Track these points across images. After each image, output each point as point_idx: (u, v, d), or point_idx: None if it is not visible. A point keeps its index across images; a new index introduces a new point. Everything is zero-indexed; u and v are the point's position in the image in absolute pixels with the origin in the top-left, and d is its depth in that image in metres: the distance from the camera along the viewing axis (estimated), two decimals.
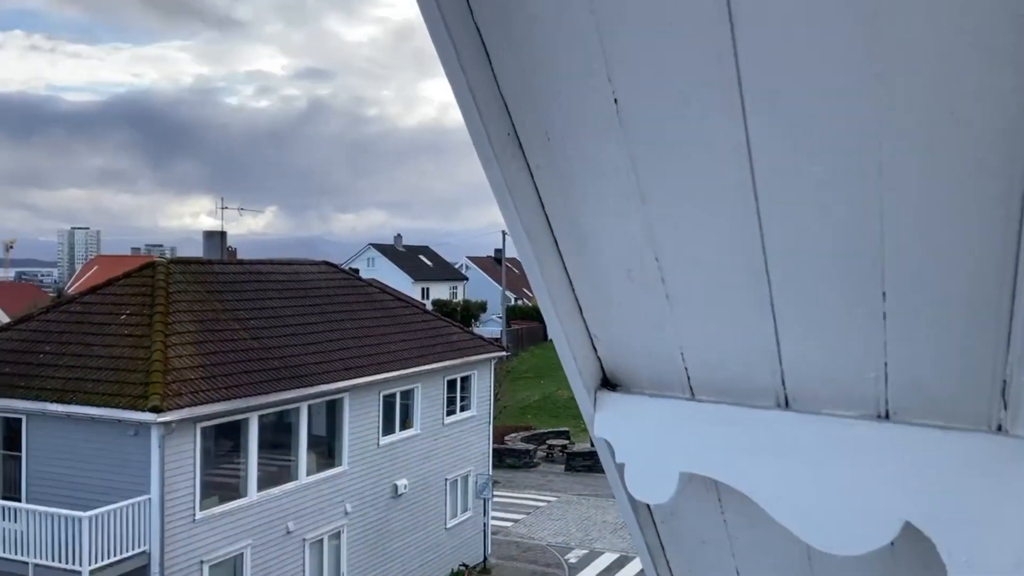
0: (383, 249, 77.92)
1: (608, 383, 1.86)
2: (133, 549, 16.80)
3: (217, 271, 22.68)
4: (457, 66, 1.37)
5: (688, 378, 1.74)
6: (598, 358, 1.84)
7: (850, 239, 1.36)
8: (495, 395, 30.24)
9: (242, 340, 20.29)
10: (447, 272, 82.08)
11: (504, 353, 30.25)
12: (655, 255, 1.57)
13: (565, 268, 1.70)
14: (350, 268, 44.55)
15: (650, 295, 1.64)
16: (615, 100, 1.37)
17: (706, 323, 1.65)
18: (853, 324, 1.47)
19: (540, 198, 1.60)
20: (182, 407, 17.12)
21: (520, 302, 75.90)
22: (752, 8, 1.18)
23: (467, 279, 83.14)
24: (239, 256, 34.34)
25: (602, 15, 1.29)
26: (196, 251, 27.40)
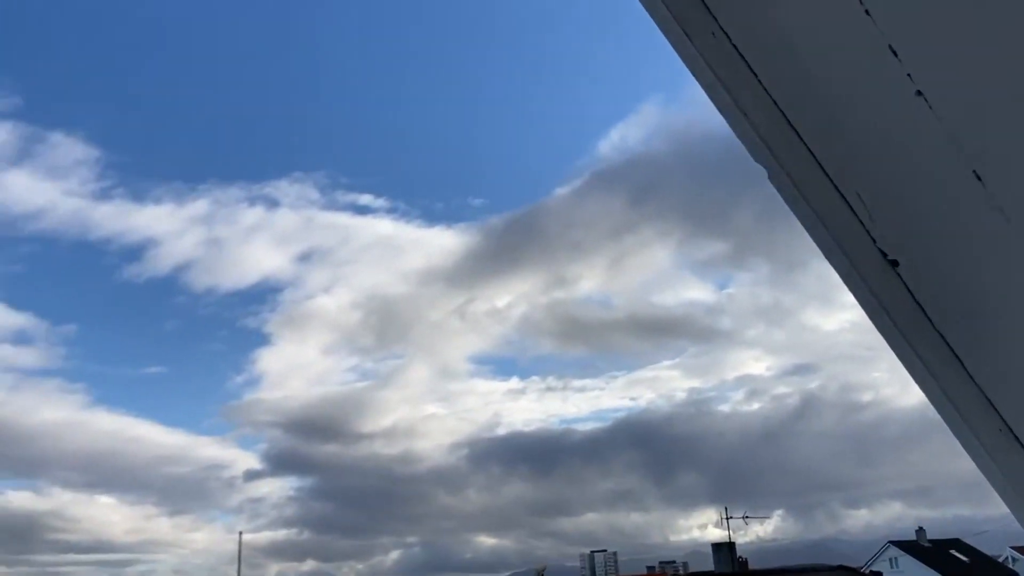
0: (905, 546, 70.11)
1: None
2: None
3: None
4: (925, 372, 1.39)
5: None
6: None
7: None
8: None
9: None
10: (989, 568, 70.63)
11: None
12: None
13: None
14: (870, 571, 40.71)
15: None
16: None
17: None
18: None
19: None
20: None
21: None
22: None
23: (1017, 574, 70.54)
24: (750, 566, 33.41)
25: None
26: (706, 564, 27.41)
